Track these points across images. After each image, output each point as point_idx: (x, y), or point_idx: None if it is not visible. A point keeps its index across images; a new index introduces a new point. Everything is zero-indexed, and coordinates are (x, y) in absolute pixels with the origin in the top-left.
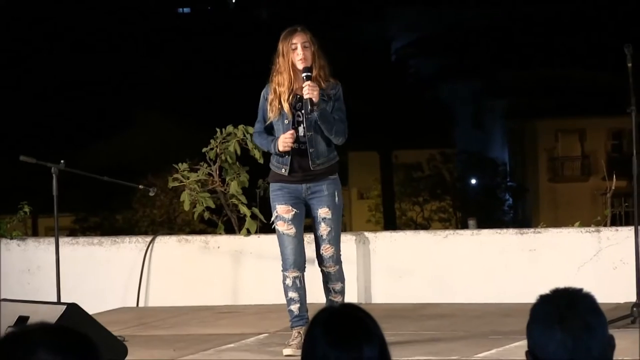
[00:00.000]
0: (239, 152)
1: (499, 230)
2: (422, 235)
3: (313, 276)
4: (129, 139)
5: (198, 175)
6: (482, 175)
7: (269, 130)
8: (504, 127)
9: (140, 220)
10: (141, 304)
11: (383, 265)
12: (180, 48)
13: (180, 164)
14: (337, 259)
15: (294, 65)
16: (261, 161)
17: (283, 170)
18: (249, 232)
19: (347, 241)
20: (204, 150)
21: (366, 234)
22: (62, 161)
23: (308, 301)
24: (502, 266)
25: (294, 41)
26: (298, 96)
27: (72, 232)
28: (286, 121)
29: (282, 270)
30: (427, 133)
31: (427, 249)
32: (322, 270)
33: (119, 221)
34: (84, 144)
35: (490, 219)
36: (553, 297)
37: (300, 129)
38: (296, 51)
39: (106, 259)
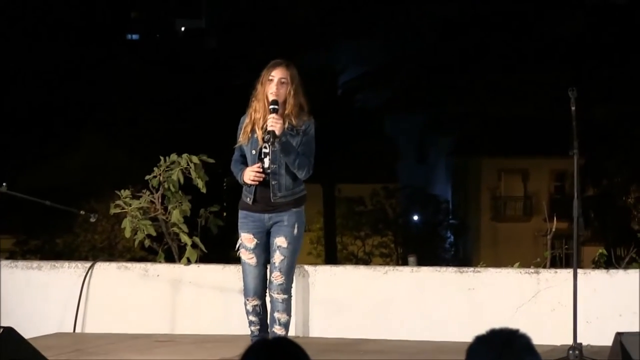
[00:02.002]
0: (182, 180)
1: (438, 268)
2: (362, 270)
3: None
4: (72, 161)
5: (140, 203)
6: (424, 211)
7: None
8: (447, 164)
9: (81, 245)
10: (78, 330)
11: (322, 299)
12: (129, 74)
13: (122, 191)
14: (286, 289)
15: (267, 96)
16: (204, 191)
17: (248, 199)
18: (189, 261)
19: None
20: (147, 177)
21: (306, 267)
22: (4, 184)
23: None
24: (441, 304)
25: (273, 74)
26: (266, 127)
27: (12, 255)
28: (253, 151)
29: (244, 296)
30: (371, 167)
31: (367, 284)
32: (270, 297)
33: (59, 245)
34: (27, 164)
35: (431, 256)
36: (489, 337)
37: (266, 160)
38: (271, 84)
39: (44, 284)
